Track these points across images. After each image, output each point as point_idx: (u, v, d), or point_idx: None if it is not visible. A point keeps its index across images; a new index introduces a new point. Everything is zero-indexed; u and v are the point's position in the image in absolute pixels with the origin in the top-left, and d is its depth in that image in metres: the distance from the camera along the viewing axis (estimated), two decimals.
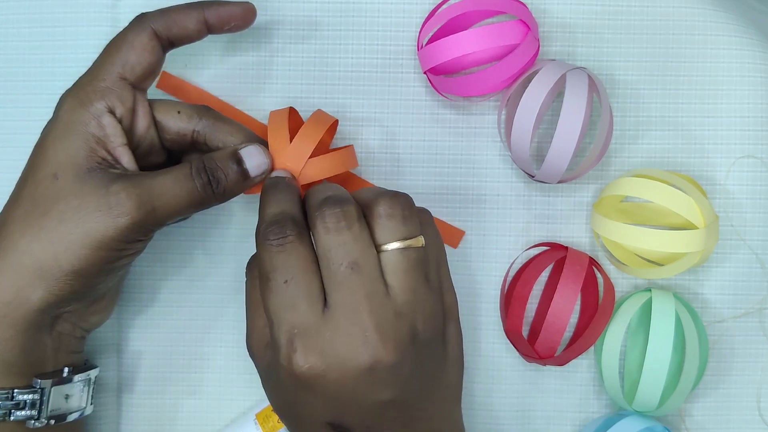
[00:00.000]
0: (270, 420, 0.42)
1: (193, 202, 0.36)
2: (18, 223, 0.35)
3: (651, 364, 0.39)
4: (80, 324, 0.38)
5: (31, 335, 0.35)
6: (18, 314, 0.35)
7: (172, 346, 0.44)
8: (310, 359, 0.32)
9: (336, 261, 0.32)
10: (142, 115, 0.38)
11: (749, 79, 0.43)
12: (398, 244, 0.33)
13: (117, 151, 0.36)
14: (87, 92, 0.36)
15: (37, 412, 0.36)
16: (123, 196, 0.35)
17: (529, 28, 0.39)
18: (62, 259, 0.34)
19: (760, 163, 0.43)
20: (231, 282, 0.44)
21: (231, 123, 0.39)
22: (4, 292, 0.35)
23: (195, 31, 0.38)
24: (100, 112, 0.36)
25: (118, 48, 0.37)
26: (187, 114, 0.39)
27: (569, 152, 0.38)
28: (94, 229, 0.34)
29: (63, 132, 0.36)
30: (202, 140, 0.39)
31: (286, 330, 0.32)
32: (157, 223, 0.36)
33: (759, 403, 0.43)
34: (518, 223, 0.43)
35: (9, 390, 0.35)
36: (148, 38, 0.37)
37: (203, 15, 0.38)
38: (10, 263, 0.35)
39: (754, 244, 0.43)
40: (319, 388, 0.32)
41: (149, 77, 0.38)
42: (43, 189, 0.35)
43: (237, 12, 0.38)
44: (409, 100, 0.44)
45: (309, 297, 0.32)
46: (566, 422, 0.43)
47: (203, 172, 0.36)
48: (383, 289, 0.32)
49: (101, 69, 0.37)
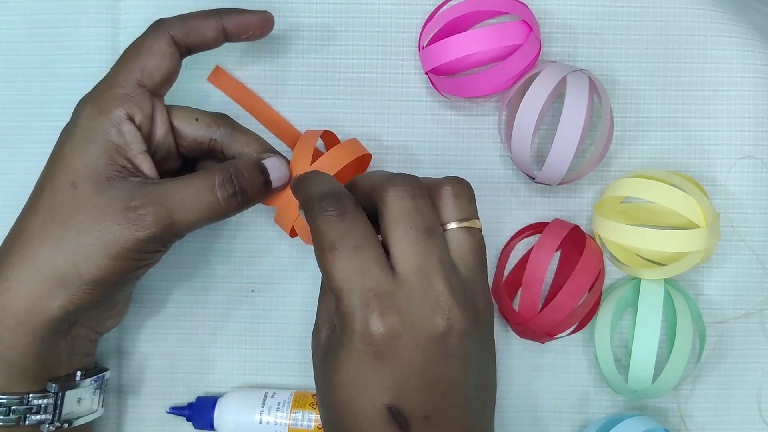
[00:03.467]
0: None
1: (213, 215, 0.36)
2: (36, 232, 0.35)
3: (641, 334, 0.39)
4: (95, 328, 0.39)
5: (48, 341, 0.36)
6: (36, 321, 0.35)
7: (178, 349, 0.44)
8: (388, 320, 0.31)
9: (413, 225, 0.32)
10: (160, 122, 0.38)
11: (749, 79, 0.43)
12: (464, 223, 0.33)
13: (137, 158, 0.36)
14: (106, 99, 0.36)
15: (51, 416, 0.36)
16: (142, 212, 0.35)
17: (531, 29, 0.39)
18: (82, 268, 0.35)
19: (761, 164, 0.43)
20: (237, 287, 0.44)
21: (248, 132, 0.39)
22: (22, 299, 0.35)
23: (213, 39, 0.38)
24: (120, 120, 0.36)
25: (136, 54, 0.37)
26: (206, 122, 0.39)
27: (570, 154, 0.38)
28: (113, 241, 0.35)
29: (82, 139, 0.36)
30: (219, 148, 0.39)
31: (361, 294, 0.31)
32: (176, 235, 0.36)
33: (759, 404, 0.43)
34: (519, 225, 0.43)
35: (24, 395, 0.35)
36: (167, 45, 0.37)
37: (221, 23, 0.38)
38: (28, 271, 0.35)
39: (755, 245, 0.43)
40: (390, 354, 0.31)
41: (167, 84, 0.38)
42: (61, 197, 0.35)
43: (255, 21, 0.38)
44: (409, 101, 0.44)
45: (380, 262, 0.31)
46: (566, 423, 0.43)
47: (229, 183, 0.36)
48: (452, 260, 0.33)
49: (120, 76, 0.37)
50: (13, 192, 0.39)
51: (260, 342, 0.44)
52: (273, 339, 0.44)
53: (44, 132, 0.40)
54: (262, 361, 0.44)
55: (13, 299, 0.35)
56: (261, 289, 0.44)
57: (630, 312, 0.43)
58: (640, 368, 0.39)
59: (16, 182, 0.43)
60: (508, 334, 0.43)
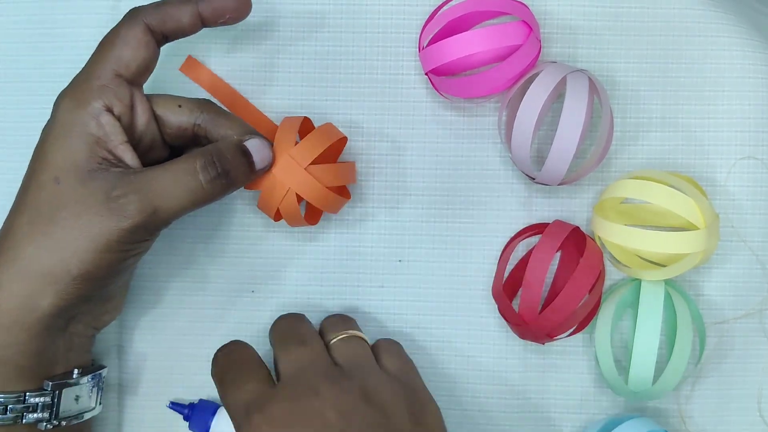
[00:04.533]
0: None
1: (197, 200, 0.36)
2: (24, 231, 0.35)
3: (641, 336, 0.39)
4: (92, 324, 0.39)
5: (44, 339, 0.36)
6: (30, 320, 0.35)
7: (177, 349, 0.44)
8: None
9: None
10: (141, 111, 0.38)
11: (750, 80, 0.43)
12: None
13: (118, 149, 0.36)
14: (83, 91, 0.36)
15: (48, 414, 0.36)
16: (123, 201, 0.34)
17: (531, 29, 0.39)
18: (70, 264, 0.34)
19: (761, 165, 0.43)
20: (234, 284, 0.44)
21: (232, 117, 0.39)
22: (14, 298, 0.35)
23: (189, 25, 0.38)
24: (98, 112, 0.36)
25: (111, 45, 0.37)
26: (188, 107, 0.38)
27: (570, 154, 0.38)
28: (98, 234, 0.34)
29: (62, 134, 0.36)
30: (203, 134, 0.39)
31: None
32: (161, 223, 0.36)
33: (759, 405, 0.43)
34: (519, 225, 0.43)
35: (21, 393, 0.35)
36: (142, 33, 0.36)
37: (197, 8, 0.37)
38: (18, 271, 0.35)
39: (755, 246, 0.43)
40: None
41: (145, 73, 0.38)
42: (45, 194, 0.35)
43: (231, 5, 0.38)
44: (409, 101, 0.44)
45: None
46: (567, 424, 0.43)
47: (211, 166, 0.36)
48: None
49: (96, 67, 0.36)
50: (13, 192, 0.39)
51: (259, 342, 0.44)
52: None
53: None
54: None
55: (5, 298, 0.35)
56: (261, 289, 0.44)
57: (630, 313, 0.43)
58: (641, 370, 0.39)
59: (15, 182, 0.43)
60: (508, 335, 0.43)
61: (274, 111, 0.44)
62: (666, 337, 0.43)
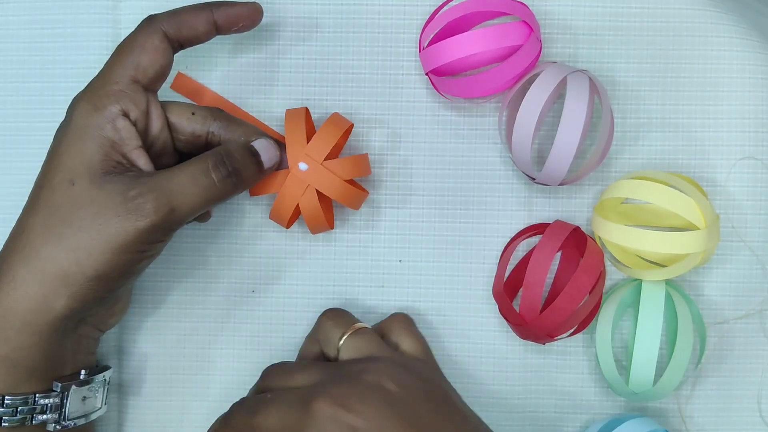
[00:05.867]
0: None
1: (211, 198, 0.36)
2: (38, 231, 0.35)
3: (642, 336, 0.39)
4: (99, 326, 0.39)
5: (55, 341, 0.36)
6: (43, 321, 0.35)
7: (178, 349, 0.44)
8: None
9: None
10: (156, 117, 0.38)
11: (750, 80, 0.43)
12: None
13: (133, 153, 0.36)
14: (100, 96, 0.36)
15: (56, 415, 0.36)
16: (140, 200, 0.35)
17: (531, 30, 0.39)
18: (85, 265, 0.35)
19: (761, 165, 0.43)
20: (238, 286, 0.44)
21: (244, 124, 0.40)
22: (29, 300, 0.35)
23: (204, 33, 0.38)
24: (115, 116, 0.36)
25: (129, 50, 0.37)
26: (202, 115, 0.39)
27: (570, 155, 0.38)
28: (114, 234, 0.35)
29: (77, 136, 0.36)
30: (216, 141, 0.39)
31: None
32: (177, 222, 0.36)
33: (760, 405, 0.43)
34: (519, 226, 0.43)
35: (31, 395, 0.35)
36: (159, 40, 0.37)
37: (212, 16, 0.38)
38: (32, 271, 0.35)
39: (755, 246, 0.43)
40: None
41: (160, 79, 0.38)
42: (59, 195, 0.35)
43: (245, 12, 0.39)
44: (410, 102, 0.44)
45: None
46: (567, 424, 0.43)
47: (222, 165, 0.36)
48: None
49: (113, 72, 0.37)
50: (13, 192, 0.39)
51: (260, 342, 0.44)
52: (273, 339, 0.44)
53: (44, 132, 0.39)
54: (262, 362, 0.44)
55: (19, 300, 0.35)
56: (262, 289, 0.44)
57: (630, 313, 0.43)
58: (641, 371, 0.39)
59: (16, 182, 0.43)
60: (509, 335, 0.43)
61: (275, 111, 0.44)
62: (666, 337, 0.43)
